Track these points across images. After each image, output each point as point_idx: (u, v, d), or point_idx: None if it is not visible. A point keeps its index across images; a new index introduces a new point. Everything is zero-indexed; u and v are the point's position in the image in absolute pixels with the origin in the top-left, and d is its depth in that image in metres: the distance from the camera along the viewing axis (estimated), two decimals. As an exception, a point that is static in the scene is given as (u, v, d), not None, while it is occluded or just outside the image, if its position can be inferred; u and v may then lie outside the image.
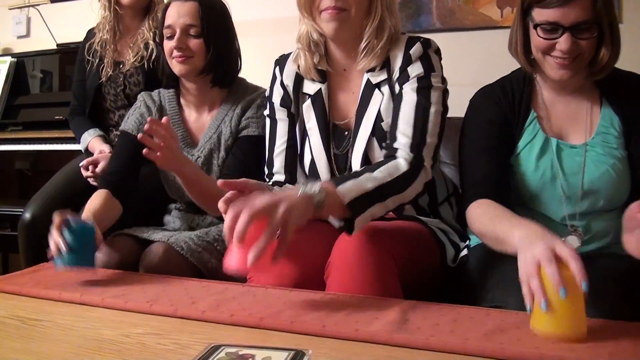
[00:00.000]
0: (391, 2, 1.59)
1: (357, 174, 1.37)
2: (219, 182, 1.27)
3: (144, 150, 1.58)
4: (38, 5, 3.68)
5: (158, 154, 1.58)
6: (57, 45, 3.52)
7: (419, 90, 1.53)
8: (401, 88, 1.55)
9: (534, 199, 1.49)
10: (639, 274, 1.32)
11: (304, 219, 1.20)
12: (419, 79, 1.54)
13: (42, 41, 3.66)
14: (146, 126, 1.55)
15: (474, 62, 2.70)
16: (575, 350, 0.93)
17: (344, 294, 1.27)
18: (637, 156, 1.45)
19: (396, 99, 1.56)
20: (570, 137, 1.50)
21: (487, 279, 1.38)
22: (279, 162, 1.68)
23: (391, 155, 1.48)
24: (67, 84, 3.36)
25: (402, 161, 1.44)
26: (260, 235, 1.09)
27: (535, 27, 1.42)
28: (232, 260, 1.12)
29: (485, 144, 1.52)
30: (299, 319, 1.08)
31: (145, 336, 1.02)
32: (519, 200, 1.50)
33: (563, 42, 1.38)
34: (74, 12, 3.64)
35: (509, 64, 1.63)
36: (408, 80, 1.55)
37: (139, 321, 1.12)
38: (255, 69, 2.09)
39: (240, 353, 0.82)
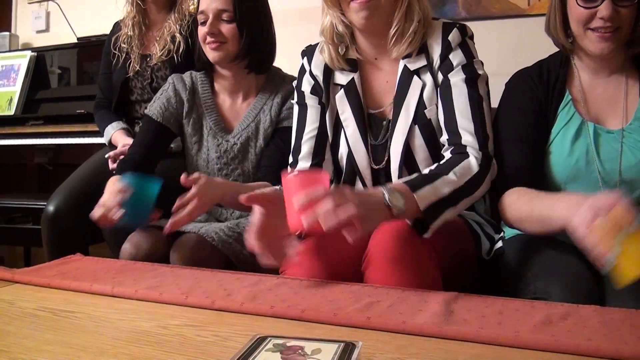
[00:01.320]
0: None
1: (433, 177, 1.33)
2: (242, 198, 1.29)
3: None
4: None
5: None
6: (77, 39, 3.50)
7: (467, 82, 1.50)
8: (446, 77, 1.52)
9: (568, 185, 1.45)
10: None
11: (377, 224, 1.25)
12: (464, 67, 1.51)
13: (61, 35, 3.67)
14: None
15: (500, 51, 2.64)
16: (628, 344, 0.89)
17: (383, 286, 1.23)
18: None
19: (443, 88, 1.52)
20: (607, 121, 1.45)
21: (526, 271, 1.34)
22: (307, 148, 1.64)
23: (461, 152, 1.44)
24: (86, 78, 3.36)
25: (473, 160, 1.41)
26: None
27: None
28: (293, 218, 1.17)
29: (519, 132, 1.49)
30: (342, 311, 1.04)
31: (183, 328, 0.99)
32: (554, 187, 1.46)
33: (604, 9, 1.34)
34: (93, 6, 3.65)
35: (537, 53, 1.60)
36: (453, 69, 1.52)
37: (175, 313, 1.08)
38: (278, 59, 2.06)
39: (288, 344, 0.78)
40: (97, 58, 2.65)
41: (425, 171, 1.40)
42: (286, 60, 1.93)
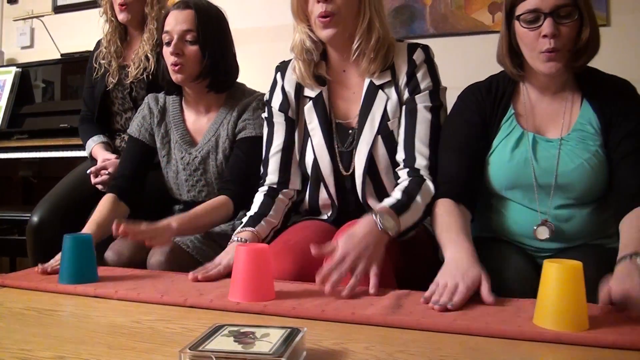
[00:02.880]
0: (379, 6, 1.68)
1: (408, 204, 1.52)
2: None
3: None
4: (42, 16, 3.77)
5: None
6: (61, 55, 3.60)
7: (432, 110, 1.65)
8: (412, 98, 1.66)
9: (509, 189, 1.56)
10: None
11: (382, 256, 1.39)
12: (431, 94, 1.66)
13: (45, 51, 3.76)
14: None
15: (466, 66, 2.78)
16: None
17: (342, 286, 1.35)
18: (612, 145, 1.51)
19: (408, 109, 1.66)
20: (548, 132, 1.57)
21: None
22: (274, 163, 1.77)
23: (417, 175, 1.61)
24: (70, 92, 3.45)
25: (430, 184, 1.59)
26: None
27: (519, 19, 1.49)
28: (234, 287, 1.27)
29: (461, 143, 1.60)
30: (301, 306, 1.16)
31: (155, 322, 1.10)
32: (496, 191, 1.58)
33: (546, 27, 1.45)
34: (76, 23, 3.74)
35: (499, 67, 1.71)
36: (420, 92, 1.66)
37: (150, 310, 1.19)
38: (253, 75, 2.16)
39: (241, 331, 0.89)
40: (80, 73, 2.75)
41: (398, 195, 1.55)
42: (262, 76, 2.03)
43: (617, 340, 0.96)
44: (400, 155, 1.65)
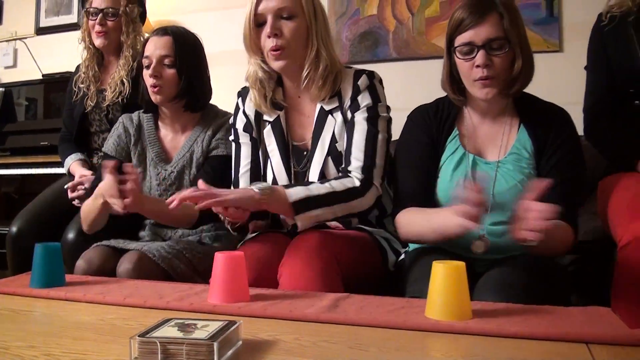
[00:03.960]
0: (326, 37, 1.85)
1: (308, 183, 1.68)
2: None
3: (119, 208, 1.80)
4: (25, 38, 3.91)
5: (128, 199, 1.79)
6: (43, 75, 3.75)
7: (368, 119, 1.80)
8: (353, 116, 1.81)
9: (450, 205, 1.72)
10: (547, 269, 1.56)
11: (244, 203, 1.58)
12: (368, 108, 1.81)
13: (28, 72, 3.91)
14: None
15: (426, 87, 2.91)
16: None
17: (291, 290, 1.50)
18: (543, 171, 1.66)
19: (349, 125, 1.82)
20: (487, 155, 1.73)
21: (410, 275, 1.62)
22: (243, 181, 1.91)
23: (346, 173, 1.75)
24: (52, 111, 3.60)
25: (354, 178, 1.72)
26: None
27: (456, 51, 1.66)
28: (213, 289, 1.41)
29: (414, 161, 1.76)
30: (247, 307, 1.31)
31: (117, 320, 1.25)
32: (442, 205, 1.72)
33: (479, 58, 1.61)
34: (58, 44, 3.89)
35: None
36: (359, 109, 1.81)
37: (114, 310, 1.34)
38: (227, 95, 2.27)
39: (186, 323, 1.04)
40: (62, 91, 2.91)
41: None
42: (228, 95, 2.18)
43: (497, 329, 1.13)
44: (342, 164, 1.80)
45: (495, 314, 1.24)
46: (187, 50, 2.08)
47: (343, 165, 1.78)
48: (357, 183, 1.71)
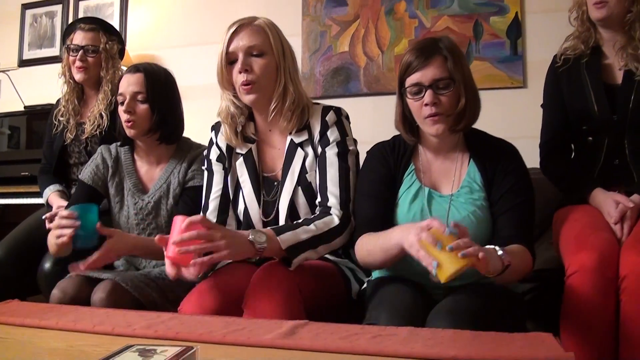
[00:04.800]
0: (294, 73, 1.96)
1: (296, 226, 1.77)
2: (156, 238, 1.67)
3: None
4: (7, 70, 3.99)
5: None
6: (25, 107, 3.83)
7: (339, 155, 1.91)
8: (323, 150, 1.92)
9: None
10: (501, 297, 1.65)
11: (240, 256, 1.68)
12: (337, 143, 1.92)
13: (10, 102, 3.99)
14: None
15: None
16: (415, 348, 1.24)
17: (254, 319, 1.58)
18: (494, 200, 1.77)
19: (321, 159, 1.92)
20: (441, 188, 1.83)
21: (369, 303, 1.70)
22: (213, 206, 2.00)
23: (326, 211, 1.85)
24: (34, 141, 3.67)
25: (334, 217, 1.82)
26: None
27: (406, 92, 1.77)
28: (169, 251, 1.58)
29: (373, 191, 1.86)
30: (209, 334, 1.38)
31: (85, 346, 1.32)
32: None
33: (427, 97, 1.72)
34: (40, 76, 3.97)
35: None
36: (329, 144, 1.92)
37: (84, 337, 1.41)
38: (203, 127, 2.32)
39: (147, 349, 1.12)
40: (44, 121, 2.98)
41: (293, 222, 1.81)
42: (204, 126, 2.26)
43: (439, 353, 1.21)
44: (318, 199, 1.90)
45: (441, 339, 1.32)
46: (158, 85, 2.19)
47: (320, 200, 1.88)
48: (337, 221, 1.81)
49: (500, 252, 1.52)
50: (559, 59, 2.19)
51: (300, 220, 1.82)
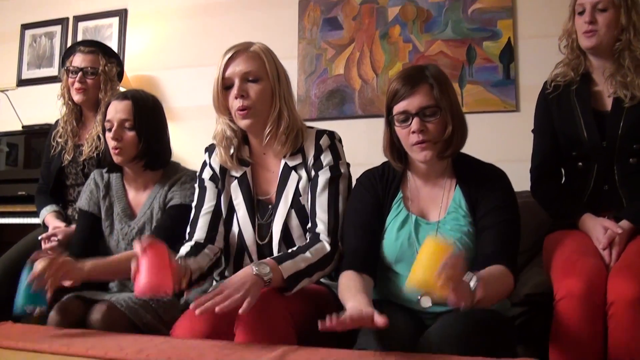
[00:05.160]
0: (289, 98, 1.99)
1: (294, 254, 1.78)
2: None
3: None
4: (6, 90, 4.01)
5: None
6: (23, 127, 3.86)
7: (331, 180, 1.93)
8: (316, 174, 1.94)
9: (396, 263, 1.83)
10: (492, 322, 1.65)
11: (257, 293, 1.62)
12: (330, 167, 1.95)
13: (9, 122, 3.99)
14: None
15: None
16: None
17: (246, 343, 1.60)
18: (478, 219, 1.78)
19: (313, 184, 1.95)
20: (429, 215, 1.85)
21: (360, 329, 1.72)
22: (203, 222, 2.00)
23: (316, 237, 1.87)
24: (32, 160, 3.68)
25: (326, 244, 1.84)
26: None
27: (394, 119, 1.80)
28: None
29: (360, 221, 1.87)
30: (201, 358, 1.40)
31: (78, 370, 1.34)
32: (387, 265, 1.85)
33: (414, 125, 1.75)
34: (38, 96, 3.99)
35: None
36: (322, 168, 1.94)
37: (76, 362, 1.43)
38: (195, 148, 2.39)
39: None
40: (42, 139, 3.01)
41: (289, 251, 1.82)
42: (196, 148, 2.29)
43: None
44: (309, 224, 1.92)
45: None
46: (146, 113, 2.22)
47: (310, 226, 1.90)
48: (329, 248, 1.84)
49: (472, 284, 1.49)
50: (549, 85, 2.22)
51: (295, 248, 1.84)
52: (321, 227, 1.88)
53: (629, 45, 2.05)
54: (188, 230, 2.03)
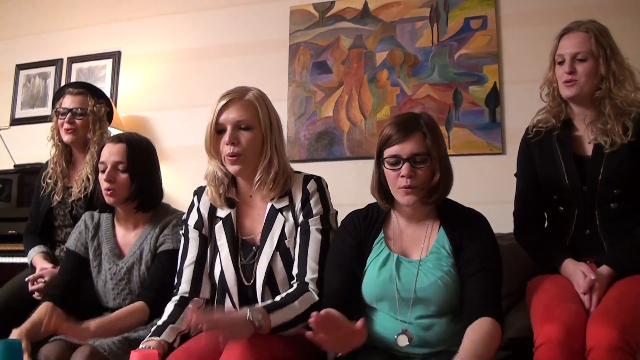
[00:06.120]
0: (280, 146, 2.03)
1: (283, 304, 1.80)
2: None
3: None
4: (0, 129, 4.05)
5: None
6: (15, 165, 3.88)
7: (322, 232, 1.97)
8: (306, 221, 1.97)
9: (377, 300, 1.85)
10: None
11: (245, 335, 1.67)
12: (321, 217, 1.98)
13: (1, 161, 4.01)
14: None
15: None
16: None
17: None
18: (461, 264, 1.82)
19: (302, 231, 1.97)
20: (411, 254, 1.88)
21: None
22: (187, 274, 2.04)
23: (304, 286, 1.89)
24: (25, 199, 3.68)
25: (314, 294, 1.87)
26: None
27: (384, 162, 1.84)
28: None
29: (341, 263, 1.91)
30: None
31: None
32: (367, 302, 1.87)
33: (404, 169, 1.80)
34: (31, 135, 4.00)
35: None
36: (312, 217, 1.97)
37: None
38: (186, 187, 2.39)
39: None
40: (33, 182, 3.02)
41: (277, 298, 1.84)
42: (187, 187, 2.31)
43: None
44: (295, 270, 1.94)
45: None
46: (139, 156, 2.27)
47: (298, 273, 1.93)
48: (316, 298, 1.86)
49: None
50: (530, 131, 2.26)
51: (284, 296, 1.85)
52: (311, 276, 1.90)
53: (609, 93, 2.09)
54: (175, 280, 2.07)
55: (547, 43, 2.26)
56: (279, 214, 2.00)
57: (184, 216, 2.15)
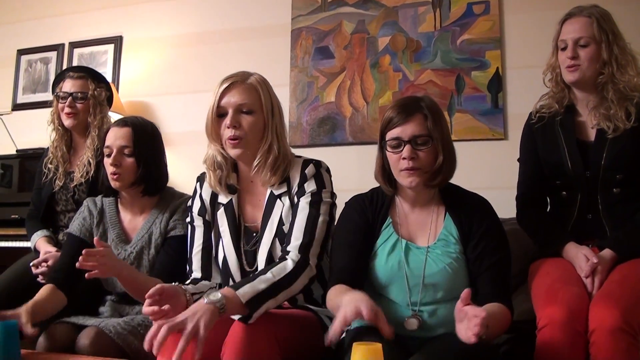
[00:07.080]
0: (281, 130, 2.03)
1: (253, 278, 1.76)
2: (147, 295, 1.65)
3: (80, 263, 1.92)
4: (1, 114, 4.06)
5: (95, 271, 1.93)
6: (17, 150, 3.89)
7: (311, 204, 1.95)
8: (298, 200, 1.96)
9: (385, 287, 1.86)
10: (476, 349, 1.67)
11: (212, 323, 1.59)
12: (313, 193, 1.96)
13: (3, 146, 4.02)
14: (81, 258, 1.91)
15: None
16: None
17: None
18: (471, 258, 1.83)
19: (294, 209, 1.96)
20: (418, 240, 1.89)
21: (347, 353, 1.73)
22: (196, 262, 2.05)
23: (284, 256, 1.87)
24: (26, 184, 3.70)
25: (289, 262, 1.83)
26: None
27: (386, 145, 1.85)
28: None
29: (349, 240, 1.91)
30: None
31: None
32: (375, 288, 1.88)
33: (405, 151, 1.80)
34: (33, 120, 3.99)
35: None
36: (304, 195, 1.96)
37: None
38: (191, 172, 2.34)
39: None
40: (35, 167, 3.03)
41: (250, 276, 1.81)
42: (192, 172, 2.29)
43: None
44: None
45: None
46: (145, 140, 2.26)
47: (285, 243, 1.91)
48: (291, 265, 1.82)
49: None
50: (534, 116, 2.27)
51: (256, 272, 1.84)
52: (293, 244, 1.88)
53: (611, 78, 2.09)
54: (187, 268, 2.08)
55: (550, 28, 2.26)
56: (278, 199, 2.00)
57: (189, 202, 2.15)
